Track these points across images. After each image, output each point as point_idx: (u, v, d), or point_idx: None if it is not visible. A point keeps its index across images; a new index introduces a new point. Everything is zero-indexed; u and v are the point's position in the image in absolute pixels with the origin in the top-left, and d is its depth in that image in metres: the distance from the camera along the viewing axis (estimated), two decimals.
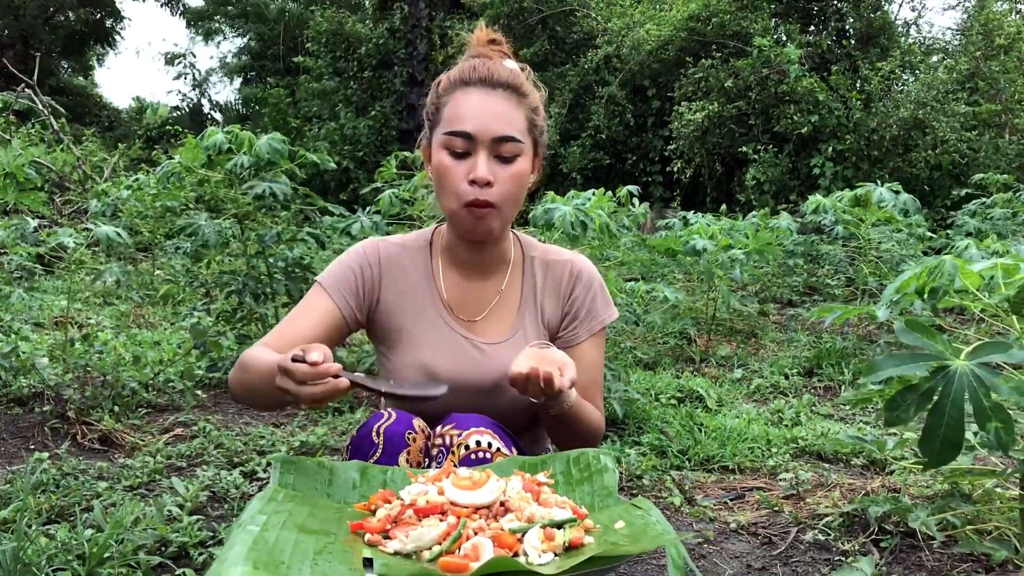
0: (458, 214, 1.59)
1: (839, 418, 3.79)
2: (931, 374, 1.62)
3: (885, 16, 12.98)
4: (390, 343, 1.70)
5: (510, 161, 1.57)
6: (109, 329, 5.18)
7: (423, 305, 1.70)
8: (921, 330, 1.65)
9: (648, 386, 4.08)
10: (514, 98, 1.59)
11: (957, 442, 1.60)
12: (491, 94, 1.58)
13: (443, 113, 1.60)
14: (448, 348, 1.67)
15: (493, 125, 1.55)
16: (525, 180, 1.62)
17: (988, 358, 1.65)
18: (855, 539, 2.33)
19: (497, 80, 1.59)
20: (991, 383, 1.58)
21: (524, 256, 1.77)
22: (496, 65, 1.61)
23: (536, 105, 1.64)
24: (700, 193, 12.83)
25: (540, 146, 1.67)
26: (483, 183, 1.54)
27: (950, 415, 1.59)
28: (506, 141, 1.56)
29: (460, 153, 1.57)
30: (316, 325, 1.62)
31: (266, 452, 3.07)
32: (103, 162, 10.42)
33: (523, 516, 1.14)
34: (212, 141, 3.74)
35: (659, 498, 2.75)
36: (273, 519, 1.11)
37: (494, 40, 1.73)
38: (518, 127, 1.58)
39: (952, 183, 10.22)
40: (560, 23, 14.90)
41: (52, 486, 2.56)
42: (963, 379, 1.60)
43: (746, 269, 5.56)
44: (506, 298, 1.73)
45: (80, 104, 23.37)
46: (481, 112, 1.56)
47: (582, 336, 1.74)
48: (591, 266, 1.79)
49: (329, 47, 17.58)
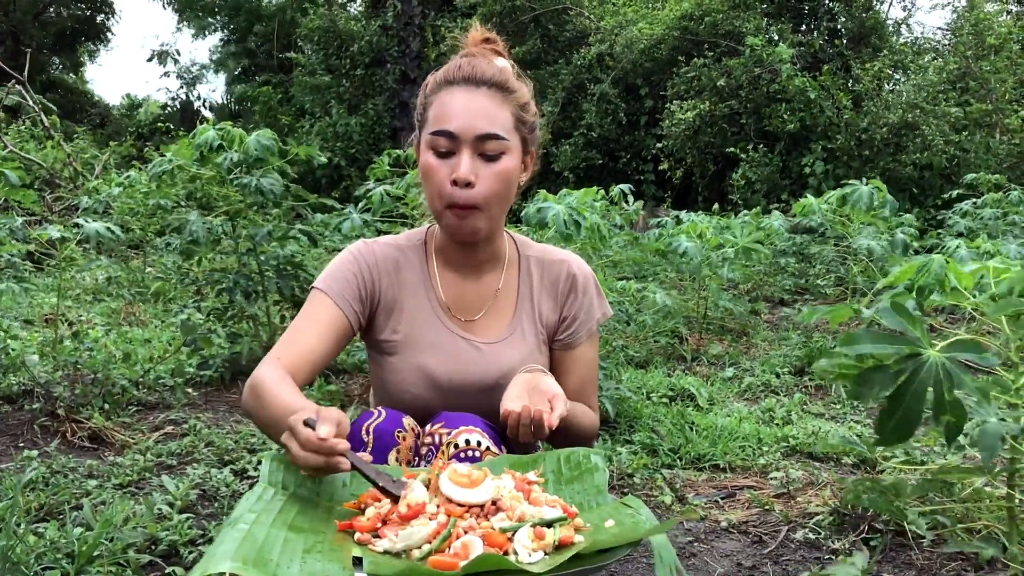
0: (443, 215, 1.59)
1: (830, 417, 3.80)
2: (903, 358, 1.63)
3: (876, 16, 13.02)
4: (388, 346, 1.70)
5: (494, 159, 1.57)
6: (100, 326, 5.16)
7: (420, 306, 1.70)
8: (905, 315, 1.65)
9: (639, 384, 4.09)
10: (499, 95, 1.58)
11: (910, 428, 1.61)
12: (475, 92, 1.57)
13: (429, 113, 1.61)
14: (447, 349, 1.67)
15: (476, 123, 1.55)
16: (511, 178, 1.61)
17: (961, 355, 1.66)
18: (845, 537, 2.34)
19: (481, 78, 1.58)
20: (958, 378, 1.59)
21: (520, 255, 1.77)
22: (481, 63, 1.61)
23: (524, 102, 1.63)
24: (692, 192, 12.85)
25: (531, 143, 1.67)
26: (463, 183, 1.54)
27: (910, 401, 1.60)
28: (490, 139, 1.55)
29: (444, 152, 1.56)
30: (325, 336, 1.61)
31: (257, 450, 3.07)
32: (94, 159, 10.38)
33: (514, 515, 1.14)
34: (204, 138, 3.73)
35: (650, 496, 2.75)
36: (262, 517, 1.10)
37: (488, 39, 1.73)
38: (503, 124, 1.57)
39: (943, 183, 10.25)
40: (553, 21, 14.89)
41: (41, 484, 2.55)
42: (932, 369, 1.60)
43: (736, 268, 5.57)
44: (502, 297, 1.73)
45: (71, 101, 23.26)
46: (464, 111, 1.55)
47: (582, 338, 1.75)
48: (586, 266, 1.80)
49: (321, 44, 17.55)
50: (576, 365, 1.76)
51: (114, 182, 6.70)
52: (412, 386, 1.66)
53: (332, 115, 16.98)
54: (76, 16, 24.79)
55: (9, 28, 21.87)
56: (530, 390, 1.50)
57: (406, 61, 16.56)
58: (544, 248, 1.80)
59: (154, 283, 6.25)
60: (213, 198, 4.09)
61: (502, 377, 1.64)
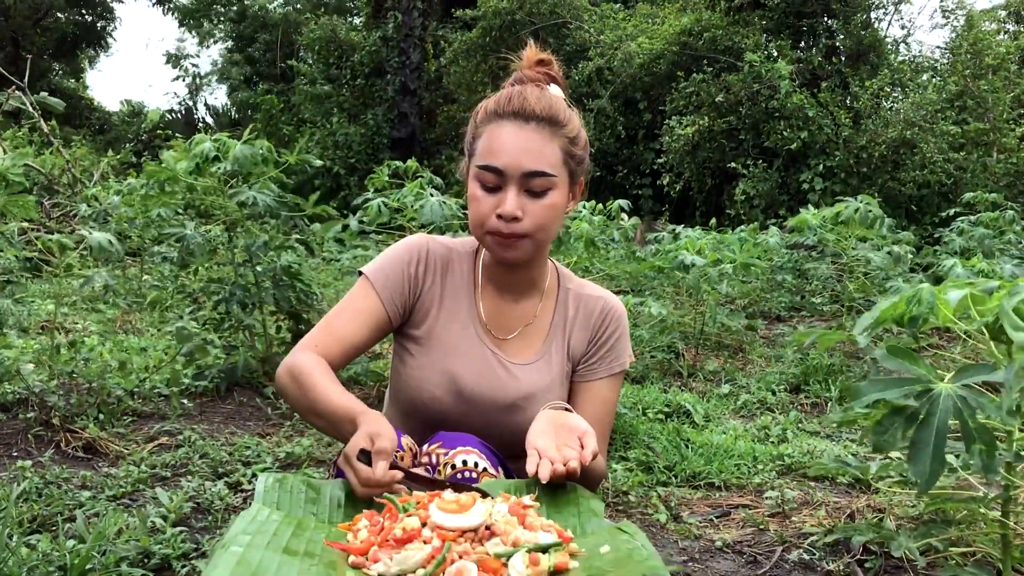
0: (484, 240, 1.61)
1: (825, 435, 3.80)
2: (915, 397, 1.63)
3: (875, 34, 13.08)
4: (418, 341, 1.71)
5: (541, 195, 1.56)
6: (96, 335, 5.15)
7: (459, 311, 1.71)
8: (903, 355, 1.66)
9: (635, 400, 4.09)
10: (547, 130, 1.57)
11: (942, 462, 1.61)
12: (524, 128, 1.56)
13: (478, 145, 1.60)
14: (475, 359, 1.68)
15: (524, 160, 1.54)
16: (558, 212, 1.60)
17: (972, 379, 1.66)
18: (839, 559, 2.34)
19: (530, 113, 1.56)
20: (976, 403, 1.59)
21: (560, 286, 1.79)
22: (532, 94, 1.59)
23: (574, 134, 1.62)
24: (690, 207, 12.87)
25: (580, 173, 1.66)
26: (509, 218, 1.54)
27: (937, 439, 1.60)
28: (537, 176, 1.55)
29: (491, 188, 1.56)
30: (363, 327, 1.65)
31: (251, 463, 3.06)
32: (93, 165, 10.38)
33: (508, 540, 1.13)
34: (199, 149, 3.73)
35: (645, 515, 2.75)
36: (257, 539, 1.10)
37: (542, 60, 1.72)
38: (550, 161, 1.56)
39: (940, 201, 10.29)
40: (553, 35, 14.94)
41: (35, 495, 2.54)
42: (948, 401, 1.61)
43: (733, 283, 5.57)
44: (537, 323, 1.75)
45: (71, 107, 23.25)
46: (512, 147, 1.55)
47: (601, 373, 1.75)
48: (622, 308, 1.81)
49: (322, 54, 17.60)
50: (591, 401, 1.75)
51: (112, 190, 6.71)
52: (435, 387, 1.67)
53: (332, 124, 17.02)
54: (76, 22, 24.82)
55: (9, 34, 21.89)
56: (557, 427, 1.49)
57: (406, 72, 16.61)
58: (584, 283, 1.82)
59: (151, 292, 6.25)
60: (211, 207, 4.09)
61: (522, 399, 1.65)
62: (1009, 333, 1.60)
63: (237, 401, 3.92)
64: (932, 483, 1.62)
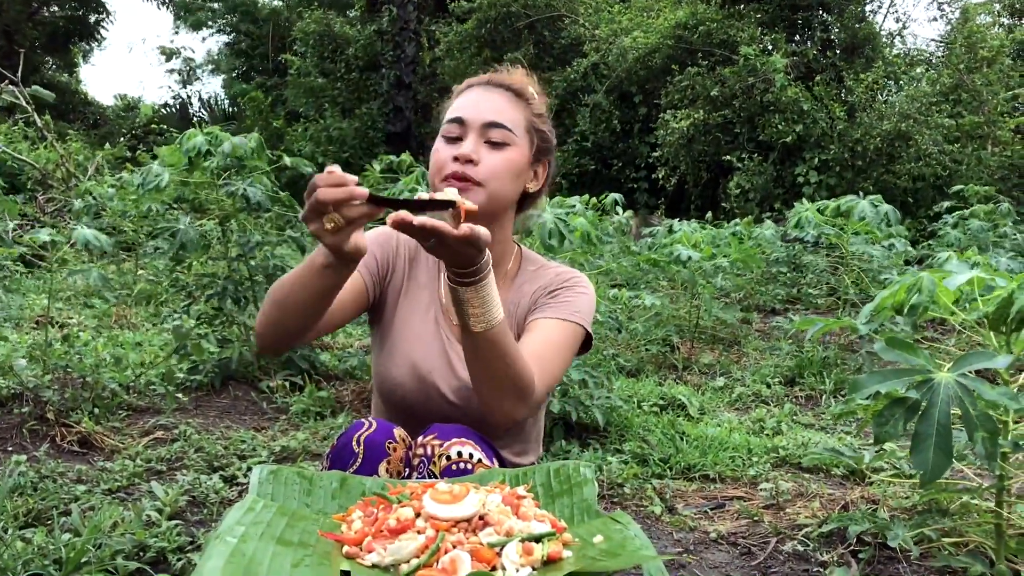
0: (439, 189, 1.56)
1: (820, 428, 3.81)
2: (916, 387, 1.64)
3: (870, 27, 13.08)
4: (386, 329, 1.71)
5: (499, 147, 1.59)
6: (90, 329, 5.14)
7: (422, 300, 1.71)
8: (902, 347, 1.66)
9: (630, 393, 4.09)
10: (514, 98, 1.63)
11: (948, 452, 1.62)
12: (491, 91, 1.63)
13: (445, 114, 1.65)
14: (431, 345, 1.67)
15: (485, 112, 1.59)
16: (515, 169, 1.61)
17: (972, 367, 1.66)
18: (833, 550, 2.35)
19: (500, 83, 1.64)
20: (978, 390, 1.60)
21: (520, 270, 1.76)
22: (503, 72, 1.67)
23: (540, 112, 1.67)
24: (685, 200, 12.87)
25: (543, 153, 1.69)
26: (465, 160, 1.56)
27: (939, 426, 1.60)
28: (496, 127, 1.58)
29: (453, 138, 1.59)
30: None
31: (247, 456, 3.06)
32: (87, 160, 10.34)
33: (502, 530, 1.13)
34: (192, 144, 3.72)
35: (640, 507, 2.76)
36: (251, 531, 1.10)
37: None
38: (512, 119, 1.60)
39: (935, 194, 10.30)
40: (548, 28, 14.91)
41: (29, 489, 2.54)
42: (948, 390, 1.61)
43: (728, 277, 5.57)
44: None
45: (64, 101, 23.15)
46: (476, 102, 1.61)
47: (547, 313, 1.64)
48: (583, 277, 1.73)
49: (316, 47, 17.53)
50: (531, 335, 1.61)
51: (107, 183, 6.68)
52: (398, 374, 1.66)
53: (326, 119, 16.97)
54: (69, 16, 24.71)
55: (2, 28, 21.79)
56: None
57: (401, 66, 16.55)
58: (548, 264, 1.76)
59: (145, 286, 6.24)
60: (204, 201, 4.08)
61: (468, 386, 1.59)
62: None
63: (232, 395, 3.92)
64: (937, 475, 1.63)
